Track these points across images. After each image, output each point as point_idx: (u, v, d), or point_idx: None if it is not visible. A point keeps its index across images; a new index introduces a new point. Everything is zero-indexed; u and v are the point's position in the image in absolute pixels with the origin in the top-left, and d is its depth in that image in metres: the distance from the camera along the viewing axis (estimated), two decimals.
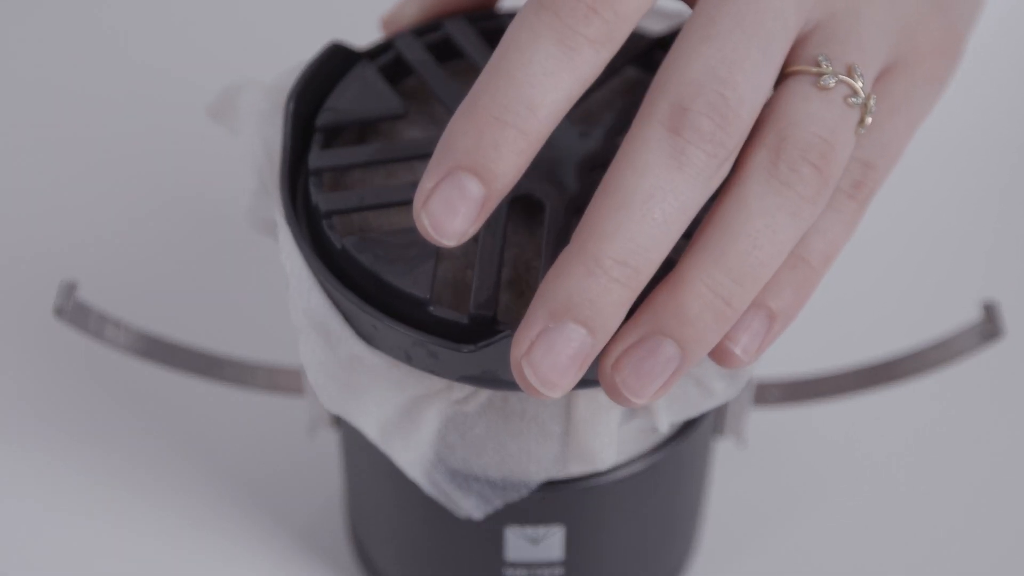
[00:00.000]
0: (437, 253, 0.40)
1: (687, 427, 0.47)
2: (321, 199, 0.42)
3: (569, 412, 0.43)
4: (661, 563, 0.51)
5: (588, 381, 0.38)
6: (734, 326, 0.38)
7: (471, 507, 0.45)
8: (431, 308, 0.40)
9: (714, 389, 0.42)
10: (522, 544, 0.47)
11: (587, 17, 0.36)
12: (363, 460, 0.48)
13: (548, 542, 0.47)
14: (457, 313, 0.40)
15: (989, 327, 0.48)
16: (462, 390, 0.42)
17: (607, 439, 0.43)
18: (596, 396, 0.42)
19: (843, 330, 0.61)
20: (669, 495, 0.48)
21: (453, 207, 0.36)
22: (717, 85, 0.36)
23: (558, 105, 0.36)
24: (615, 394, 0.37)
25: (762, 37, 0.37)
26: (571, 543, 0.47)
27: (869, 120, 0.39)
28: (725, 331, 0.37)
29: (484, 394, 0.42)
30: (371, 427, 0.43)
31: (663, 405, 0.43)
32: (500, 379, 0.40)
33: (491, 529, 0.46)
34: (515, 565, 0.48)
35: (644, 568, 0.51)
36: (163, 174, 0.67)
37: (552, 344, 0.36)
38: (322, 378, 0.42)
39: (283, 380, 0.51)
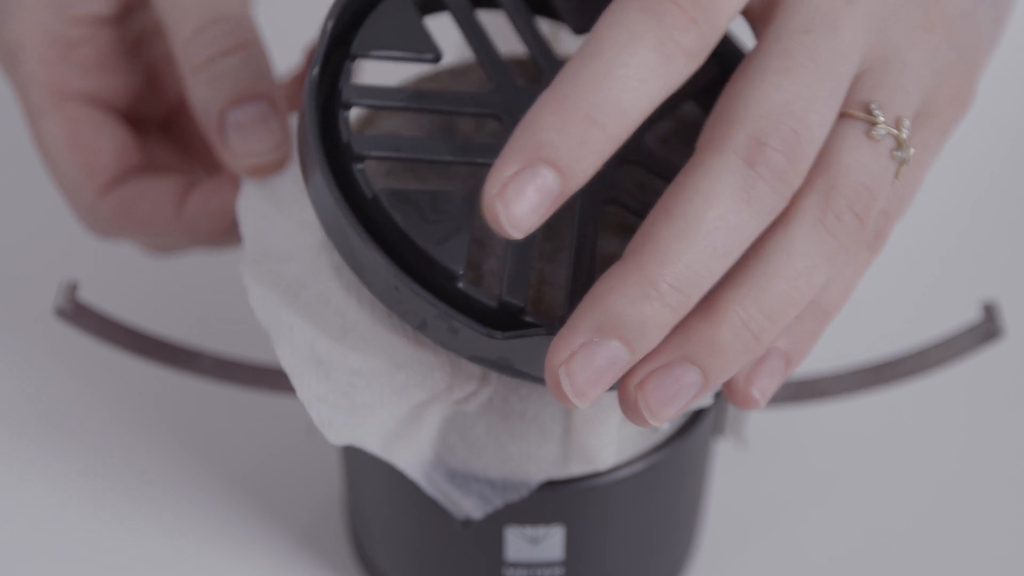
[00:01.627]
0: (471, 228, 0.39)
1: (687, 427, 0.47)
2: (353, 139, 0.40)
3: (569, 412, 0.43)
4: (661, 563, 0.51)
5: None
6: (755, 370, 0.38)
7: (471, 507, 0.44)
8: (460, 284, 0.39)
9: None
10: (522, 544, 0.47)
11: (687, 27, 0.36)
12: (363, 460, 0.48)
13: (548, 542, 0.47)
14: (488, 296, 0.39)
15: (989, 327, 0.48)
16: (462, 390, 0.42)
17: (607, 439, 0.43)
18: None
19: (843, 330, 0.61)
20: (669, 495, 0.48)
21: (529, 199, 0.35)
22: (792, 122, 0.36)
23: (645, 112, 0.36)
24: (634, 412, 0.37)
25: (833, 77, 0.37)
26: (571, 543, 0.47)
27: (904, 170, 0.39)
28: (747, 363, 0.37)
29: (484, 394, 0.42)
30: (375, 444, 0.43)
31: None
32: (515, 368, 0.39)
33: (491, 529, 0.46)
34: (515, 565, 0.48)
35: (644, 568, 0.51)
36: None
37: (592, 358, 0.36)
38: (324, 411, 0.42)
39: (283, 380, 0.51)
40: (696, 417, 0.47)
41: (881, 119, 0.38)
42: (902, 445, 0.58)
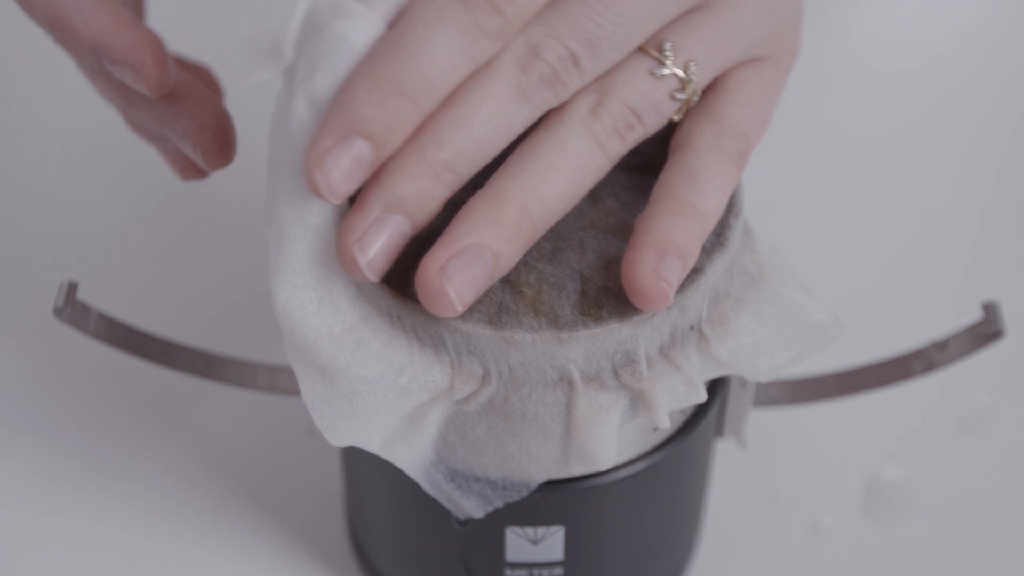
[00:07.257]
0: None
1: (687, 427, 0.47)
2: None
3: (569, 412, 0.43)
4: (661, 564, 0.51)
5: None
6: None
7: (471, 507, 0.45)
8: None
9: (698, 384, 0.43)
10: (522, 544, 0.47)
11: (491, 14, 0.39)
12: (363, 460, 0.48)
13: (548, 542, 0.47)
14: None
15: (989, 327, 0.48)
16: (463, 390, 0.42)
17: (607, 439, 0.43)
18: (596, 396, 0.42)
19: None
20: (669, 495, 0.48)
21: (344, 168, 0.39)
22: (575, 41, 0.40)
23: (451, 87, 0.39)
24: (440, 298, 0.39)
25: (650, 11, 0.41)
26: (571, 543, 0.47)
27: (694, 101, 0.42)
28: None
29: (485, 394, 0.42)
30: (376, 445, 0.43)
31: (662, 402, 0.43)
32: None
33: (491, 529, 0.46)
34: (515, 565, 0.48)
35: (644, 569, 0.51)
36: (164, 173, 0.67)
37: (381, 232, 0.39)
38: (328, 415, 0.42)
39: (283, 380, 0.51)
40: (696, 417, 0.47)
41: (669, 60, 0.41)
42: (902, 446, 0.58)
